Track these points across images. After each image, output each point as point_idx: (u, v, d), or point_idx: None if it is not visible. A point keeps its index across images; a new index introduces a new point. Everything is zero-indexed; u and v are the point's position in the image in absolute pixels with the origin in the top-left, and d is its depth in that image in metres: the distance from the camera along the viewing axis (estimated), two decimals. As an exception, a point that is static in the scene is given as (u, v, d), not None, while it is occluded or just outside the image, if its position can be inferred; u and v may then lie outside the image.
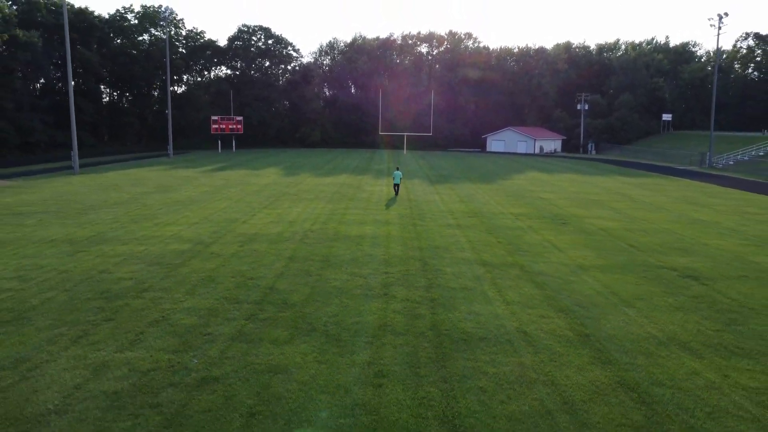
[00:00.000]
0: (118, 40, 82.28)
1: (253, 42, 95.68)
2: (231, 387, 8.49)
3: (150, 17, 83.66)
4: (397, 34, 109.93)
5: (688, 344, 10.59)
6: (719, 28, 58.70)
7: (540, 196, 32.56)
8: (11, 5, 63.24)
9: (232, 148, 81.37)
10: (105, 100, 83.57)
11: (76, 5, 72.61)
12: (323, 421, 7.52)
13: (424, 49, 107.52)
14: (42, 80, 71.17)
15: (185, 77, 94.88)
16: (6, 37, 52.28)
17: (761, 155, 61.29)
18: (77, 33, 68.95)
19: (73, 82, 71.83)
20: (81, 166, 48.26)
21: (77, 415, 7.63)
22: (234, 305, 12.24)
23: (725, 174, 53.65)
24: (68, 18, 63.97)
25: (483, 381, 8.84)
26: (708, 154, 62.47)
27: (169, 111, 66.70)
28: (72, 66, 68.72)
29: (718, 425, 7.70)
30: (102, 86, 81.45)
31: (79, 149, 70.06)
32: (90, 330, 10.72)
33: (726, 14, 58.16)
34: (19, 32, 56.51)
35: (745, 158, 61.70)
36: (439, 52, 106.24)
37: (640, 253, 18.19)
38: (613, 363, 9.65)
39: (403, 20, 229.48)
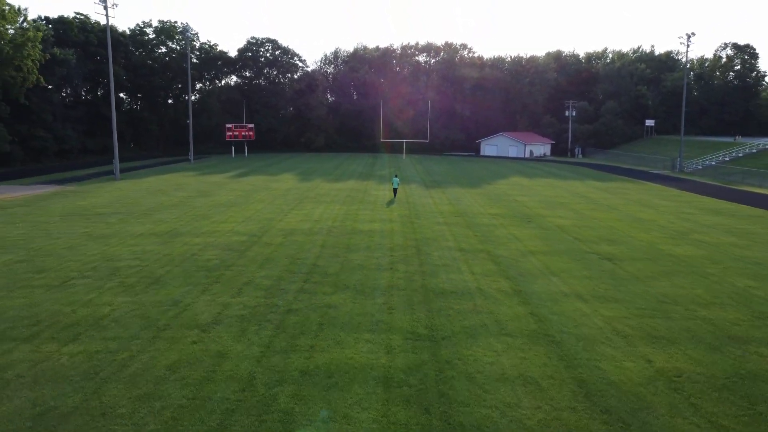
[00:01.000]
0: (138, 53, 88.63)
1: (261, 53, 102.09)
2: (305, 313, 14.85)
3: (167, 31, 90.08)
4: (397, 45, 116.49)
5: (582, 296, 16.94)
6: (687, 46, 65.23)
7: (516, 199, 38.99)
8: (46, 24, 69.46)
9: (244, 153, 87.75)
10: (126, 108, 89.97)
11: (102, 22, 78.98)
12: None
13: (422, 58, 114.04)
14: (69, 90, 77.29)
15: (198, 86, 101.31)
16: (48, 56, 58.53)
17: (727, 160, 67.67)
18: (105, 49, 75.24)
19: (101, 92, 78.15)
20: (111, 171, 54.44)
21: (226, 324, 13.98)
22: (292, 274, 18.60)
23: (689, 178, 60.03)
24: (96, 35, 70.55)
25: (450, 311, 15.20)
26: (678, 159, 68.90)
27: (190, 121, 73.14)
28: (101, 80, 75.33)
29: (577, 329, 14.05)
30: (123, 95, 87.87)
31: (109, 153, 76.54)
32: (207, 287, 17.08)
33: (693, 34, 64.69)
34: (57, 51, 62.88)
35: (713, 163, 68.05)
36: (436, 61, 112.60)
37: (578, 242, 24.58)
38: (530, 304, 16.00)
39: (402, 31, 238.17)
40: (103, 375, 11.16)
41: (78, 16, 74.21)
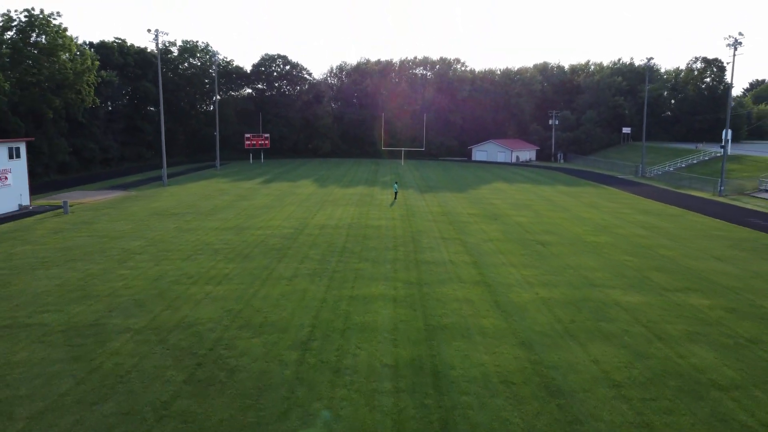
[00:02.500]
0: (164, 70, 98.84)
1: (273, 68, 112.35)
2: (345, 273, 25.08)
3: (190, 50, 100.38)
4: (396, 59, 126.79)
5: (514, 264, 27.17)
6: (647, 68, 75.43)
7: (492, 202, 49.30)
8: (90, 48, 79.61)
9: (260, 159, 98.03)
10: (156, 120, 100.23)
11: (137, 45, 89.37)
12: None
13: (419, 71, 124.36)
14: (112, 106, 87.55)
15: (216, 98, 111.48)
16: (99, 80, 68.77)
17: (683, 167, 77.83)
18: (140, 69, 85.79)
19: (135, 106, 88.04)
20: (154, 177, 64.66)
21: (301, 277, 24.23)
22: (331, 252, 28.85)
23: (646, 182, 70.24)
24: (132, 57, 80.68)
25: (431, 272, 25.44)
26: (641, 165, 79.14)
27: (217, 132, 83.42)
28: (137, 96, 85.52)
29: (503, 280, 24.30)
30: (152, 108, 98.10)
31: (142, 161, 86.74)
32: (282, 259, 27.31)
33: (652, 58, 75.10)
34: (104, 73, 73.17)
35: (671, 169, 78.12)
36: (432, 74, 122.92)
37: (526, 233, 34.85)
38: (480, 268, 26.24)
39: (401, 46, 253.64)
40: (246, 298, 21.41)
41: (116, 41, 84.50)
